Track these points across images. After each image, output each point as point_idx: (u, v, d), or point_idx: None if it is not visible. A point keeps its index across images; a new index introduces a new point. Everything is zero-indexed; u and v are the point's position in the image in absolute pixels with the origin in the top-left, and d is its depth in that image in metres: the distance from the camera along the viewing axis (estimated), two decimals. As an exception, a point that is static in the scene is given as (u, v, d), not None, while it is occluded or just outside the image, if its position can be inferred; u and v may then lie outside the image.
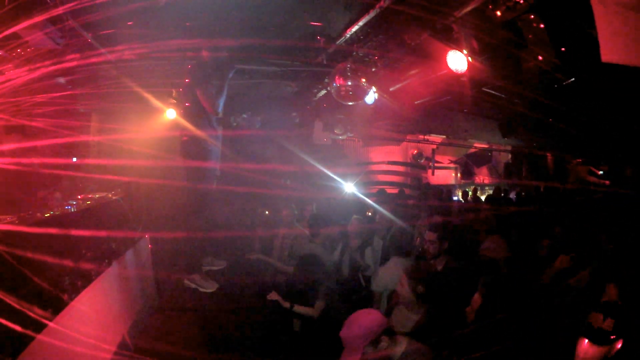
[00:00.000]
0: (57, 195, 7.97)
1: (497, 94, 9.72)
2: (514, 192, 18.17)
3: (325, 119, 15.20)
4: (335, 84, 9.15)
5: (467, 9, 6.54)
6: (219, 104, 6.63)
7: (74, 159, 10.44)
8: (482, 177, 23.08)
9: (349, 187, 15.45)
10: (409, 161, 21.63)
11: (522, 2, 6.11)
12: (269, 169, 12.70)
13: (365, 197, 12.94)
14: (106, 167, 9.93)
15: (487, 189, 21.56)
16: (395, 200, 13.14)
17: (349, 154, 19.78)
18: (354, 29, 7.61)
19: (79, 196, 6.74)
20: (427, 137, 20.11)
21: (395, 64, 9.34)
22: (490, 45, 7.29)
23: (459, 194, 19.65)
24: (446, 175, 22.59)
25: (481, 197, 17.73)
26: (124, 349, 5.13)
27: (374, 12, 6.89)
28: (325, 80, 10.66)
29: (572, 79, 8.07)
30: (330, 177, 14.70)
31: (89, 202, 6.26)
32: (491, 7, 6.35)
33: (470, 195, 19.24)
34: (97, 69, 8.39)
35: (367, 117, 14.48)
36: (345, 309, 6.79)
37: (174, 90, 11.02)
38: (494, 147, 21.45)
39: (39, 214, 4.75)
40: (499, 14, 6.37)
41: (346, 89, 8.98)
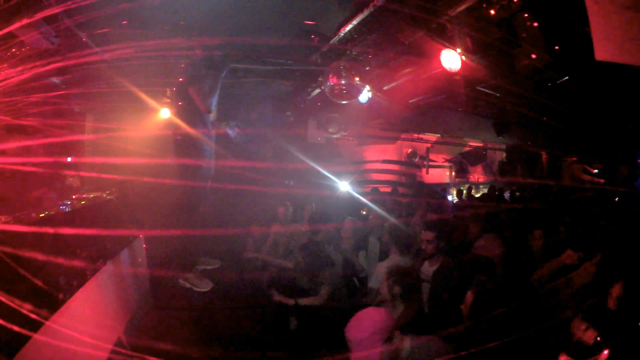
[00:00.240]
0: (51, 194, 7.95)
1: (491, 92, 9.74)
2: (508, 191, 18.20)
3: (319, 117, 15.21)
4: (329, 83, 9.16)
5: (461, 7, 6.55)
6: (212, 102, 6.63)
7: (69, 159, 10.41)
8: (477, 175, 23.08)
9: (344, 186, 15.43)
10: (403, 160, 21.60)
11: (515, 0, 6.13)
12: (263, 168, 12.67)
13: (359, 196, 12.93)
14: (101, 166, 9.90)
15: (481, 187, 21.55)
16: (385, 197, 13.21)
17: (344, 153, 19.74)
18: (348, 27, 7.62)
19: (74, 196, 6.73)
20: (421, 135, 20.10)
21: (389, 63, 9.36)
22: (484, 43, 7.31)
23: (454, 193, 19.67)
24: (441, 173, 22.59)
25: (476, 195, 17.78)
26: (121, 348, 5.13)
27: (368, 11, 6.90)
28: (319, 79, 10.66)
29: (566, 77, 8.09)
30: (325, 175, 14.69)
31: (83, 201, 6.25)
32: (485, 5, 6.37)
33: (464, 193, 19.27)
34: (92, 69, 8.38)
35: (361, 116, 14.48)
36: (346, 295, 6.88)
37: (168, 89, 11.00)
38: (488, 145, 21.45)
39: (34, 214, 4.75)
40: (492, 12, 6.40)
41: (340, 88, 8.99)
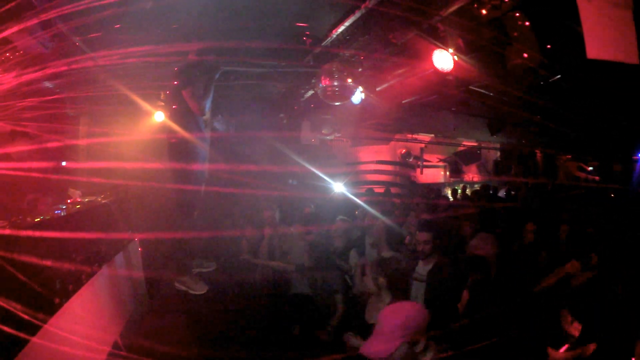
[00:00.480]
0: (47, 199, 7.96)
1: (484, 92, 9.77)
2: (503, 190, 18.23)
3: (312, 119, 15.24)
4: (321, 85, 9.18)
5: (452, 8, 6.57)
6: (206, 105, 6.64)
7: (63, 163, 10.41)
8: (472, 175, 23.12)
9: (338, 187, 15.46)
10: (397, 160, 21.64)
11: (507, 0, 6.16)
12: (257, 170, 12.68)
13: (354, 197, 12.95)
14: (95, 170, 9.91)
15: (476, 186, 21.57)
16: (380, 198, 13.26)
17: (338, 154, 19.78)
18: (340, 29, 7.64)
19: (69, 200, 6.73)
20: (415, 136, 20.13)
21: (381, 64, 9.38)
22: (476, 43, 7.34)
23: (449, 192, 19.71)
24: (435, 173, 22.65)
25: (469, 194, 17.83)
26: (118, 350, 5.15)
27: (359, 13, 6.92)
28: (312, 80, 10.68)
29: (558, 76, 8.12)
30: (319, 177, 14.73)
31: (78, 205, 6.26)
32: (477, 5, 6.39)
33: (459, 193, 19.31)
34: (86, 73, 8.39)
35: (354, 117, 14.50)
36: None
37: (162, 92, 11.01)
38: (482, 144, 21.49)
39: (29, 219, 4.76)
40: (484, 12, 6.42)
41: (332, 90, 9.00)
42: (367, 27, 7.68)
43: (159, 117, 11.54)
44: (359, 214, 10.74)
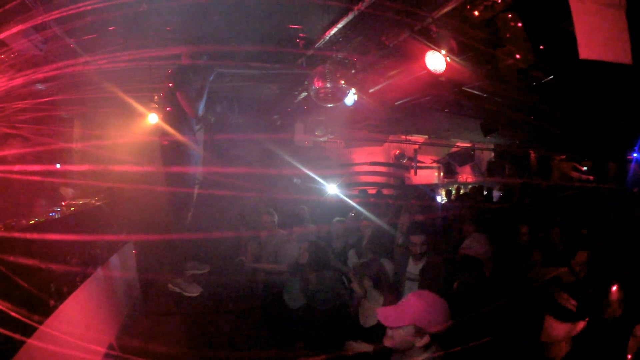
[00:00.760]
0: (41, 202, 7.96)
1: (477, 93, 9.78)
2: (497, 191, 18.26)
3: (306, 121, 15.25)
4: (314, 86, 9.18)
5: (445, 9, 6.59)
6: (199, 106, 6.65)
7: (57, 165, 10.40)
8: (465, 175, 23.11)
9: (332, 189, 15.48)
10: (391, 162, 21.64)
11: (499, 1, 6.17)
12: (252, 173, 12.69)
13: (347, 199, 12.97)
14: (89, 173, 9.91)
15: (470, 187, 21.60)
16: (373, 199, 13.27)
17: (331, 156, 19.78)
18: (333, 31, 7.65)
19: (63, 203, 6.75)
20: (409, 137, 20.12)
21: (374, 66, 9.39)
22: (468, 45, 7.36)
23: (443, 193, 19.73)
24: (429, 174, 22.63)
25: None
26: (112, 351, 5.16)
27: (352, 15, 6.93)
28: (305, 82, 10.68)
29: (551, 77, 8.14)
30: (313, 178, 14.75)
31: (73, 208, 6.27)
32: (469, 7, 6.40)
33: (453, 194, 19.33)
34: (80, 75, 8.39)
35: (348, 119, 14.53)
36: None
37: (156, 94, 11.01)
38: (476, 145, 21.50)
39: (24, 221, 4.77)
40: (476, 13, 6.42)
41: (325, 91, 8.98)
42: (359, 29, 7.69)
43: (153, 119, 11.53)
44: (353, 215, 10.77)
